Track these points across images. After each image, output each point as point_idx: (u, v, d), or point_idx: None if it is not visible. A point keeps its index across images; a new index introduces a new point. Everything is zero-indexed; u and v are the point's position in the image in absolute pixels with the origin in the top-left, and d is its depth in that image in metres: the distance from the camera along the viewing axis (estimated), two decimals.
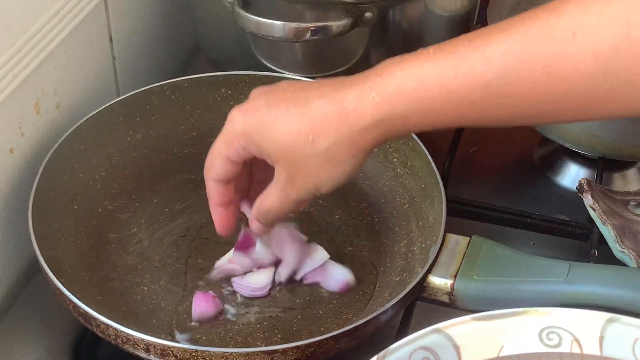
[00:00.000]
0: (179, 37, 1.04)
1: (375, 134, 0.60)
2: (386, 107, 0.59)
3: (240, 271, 0.75)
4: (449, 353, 0.57)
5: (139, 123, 0.84)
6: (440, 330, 0.58)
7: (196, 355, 0.63)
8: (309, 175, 0.62)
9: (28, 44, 0.75)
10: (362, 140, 0.60)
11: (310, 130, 0.61)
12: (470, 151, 0.96)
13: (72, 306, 0.66)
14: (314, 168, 0.62)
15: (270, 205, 0.66)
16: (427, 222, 0.76)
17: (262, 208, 0.67)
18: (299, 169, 0.62)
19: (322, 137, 0.60)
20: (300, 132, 0.61)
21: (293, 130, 0.61)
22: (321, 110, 0.61)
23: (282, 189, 0.64)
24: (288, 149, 0.62)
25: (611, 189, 0.83)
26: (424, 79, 0.58)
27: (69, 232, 0.75)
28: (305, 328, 0.72)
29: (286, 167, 0.63)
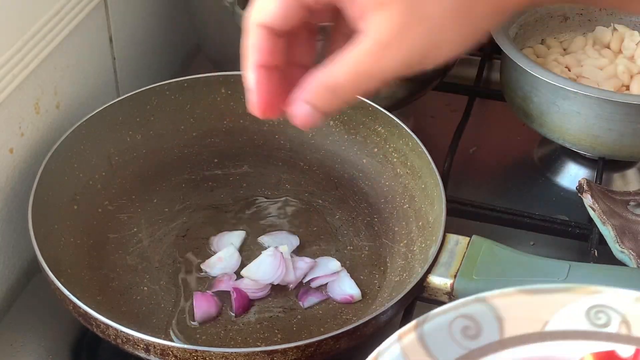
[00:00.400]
0: (179, 37, 1.04)
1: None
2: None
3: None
4: (491, 324, 0.55)
5: (139, 123, 0.84)
6: (484, 300, 0.56)
7: (196, 355, 0.63)
8: (427, 30, 0.45)
9: (28, 44, 0.75)
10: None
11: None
12: (470, 151, 0.96)
13: (71, 306, 0.66)
14: (438, 19, 0.45)
15: (346, 74, 0.47)
16: (427, 222, 0.76)
17: (331, 78, 0.48)
18: (416, 19, 0.45)
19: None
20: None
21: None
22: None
23: (375, 49, 0.46)
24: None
25: (611, 189, 0.83)
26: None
27: (69, 232, 0.75)
28: (305, 328, 0.72)
29: (394, 16, 0.45)
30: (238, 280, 0.75)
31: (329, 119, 0.48)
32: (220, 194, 0.84)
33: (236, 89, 0.86)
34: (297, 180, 0.85)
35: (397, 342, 0.53)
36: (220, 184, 0.85)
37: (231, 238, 0.79)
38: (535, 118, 0.86)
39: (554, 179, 0.92)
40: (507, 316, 0.55)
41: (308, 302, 0.74)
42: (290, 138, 0.87)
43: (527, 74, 0.84)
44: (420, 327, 0.54)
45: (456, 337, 0.54)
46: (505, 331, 0.55)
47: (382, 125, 0.83)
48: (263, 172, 0.86)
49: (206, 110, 0.86)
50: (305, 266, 0.76)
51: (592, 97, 0.81)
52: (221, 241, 0.79)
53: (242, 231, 0.80)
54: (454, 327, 0.54)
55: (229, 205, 0.83)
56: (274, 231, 0.80)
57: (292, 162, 0.86)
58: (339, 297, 0.75)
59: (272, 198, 0.84)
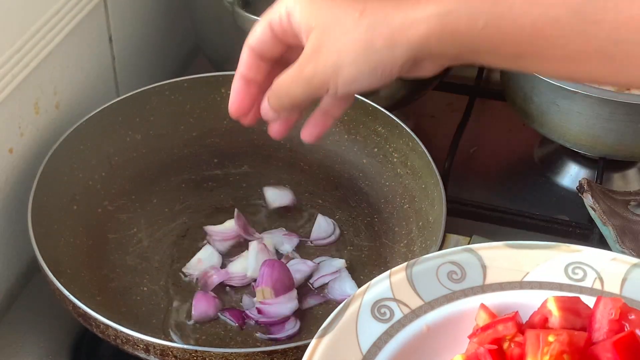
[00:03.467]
0: (179, 37, 1.04)
1: (423, 31, 0.54)
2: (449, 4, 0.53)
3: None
4: (476, 271, 0.60)
5: (139, 123, 0.84)
6: (472, 250, 0.61)
7: (196, 355, 0.63)
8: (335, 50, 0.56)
9: (28, 44, 0.74)
10: (408, 33, 0.54)
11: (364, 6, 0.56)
12: (471, 151, 0.96)
13: (71, 306, 0.66)
14: (344, 43, 0.56)
15: (282, 81, 0.60)
16: (427, 222, 0.76)
17: (275, 84, 0.61)
18: (328, 41, 0.56)
19: (371, 14, 0.55)
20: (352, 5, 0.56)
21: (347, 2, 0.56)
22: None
23: (299, 63, 0.58)
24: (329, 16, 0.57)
25: (611, 189, 0.83)
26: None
27: (68, 233, 0.75)
28: (305, 328, 0.72)
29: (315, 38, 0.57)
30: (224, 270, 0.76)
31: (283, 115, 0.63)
32: (220, 194, 0.84)
33: None
34: (297, 180, 0.85)
35: (387, 278, 0.59)
36: (220, 184, 0.85)
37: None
38: (535, 118, 0.86)
39: (555, 179, 0.92)
40: (492, 265, 0.60)
41: (307, 303, 0.74)
42: (290, 138, 0.85)
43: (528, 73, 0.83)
44: (410, 268, 0.60)
45: (442, 280, 0.60)
46: (488, 278, 0.60)
47: (382, 125, 0.83)
48: (263, 172, 0.86)
49: (206, 110, 0.86)
50: (308, 269, 0.76)
51: (593, 97, 0.80)
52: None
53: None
54: (440, 271, 0.60)
55: (229, 205, 0.83)
56: (274, 230, 0.80)
57: (292, 162, 0.86)
58: (339, 297, 0.74)
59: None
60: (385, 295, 0.58)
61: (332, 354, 0.54)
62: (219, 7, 0.84)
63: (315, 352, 0.54)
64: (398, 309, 0.58)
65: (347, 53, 0.56)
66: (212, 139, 0.87)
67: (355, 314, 0.57)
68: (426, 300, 0.58)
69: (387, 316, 0.57)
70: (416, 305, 0.58)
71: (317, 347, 0.55)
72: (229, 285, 0.75)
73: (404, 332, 0.57)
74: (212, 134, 0.87)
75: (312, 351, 0.54)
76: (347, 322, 0.56)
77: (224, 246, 0.78)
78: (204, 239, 0.79)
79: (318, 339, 0.55)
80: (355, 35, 0.55)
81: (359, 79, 0.57)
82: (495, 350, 0.55)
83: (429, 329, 0.57)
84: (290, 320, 0.72)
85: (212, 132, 0.87)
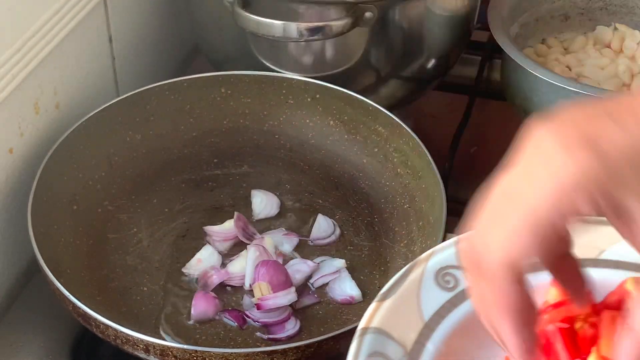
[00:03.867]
0: (178, 37, 1.04)
1: None
2: None
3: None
4: None
5: (139, 123, 0.84)
6: None
7: (196, 355, 0.63)
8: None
9: (27, 44, 0.74)
10: None
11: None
12: (471, 151, 0.96)
13: (71, 306, 0.66)
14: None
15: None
16: (428, 222, 0.75)
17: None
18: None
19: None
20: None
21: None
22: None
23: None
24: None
25: None
26: None
27: (68, 233, 0.75)
28: (305, 328, 0.72)
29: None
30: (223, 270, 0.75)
31: None
32: (220, 194, 0.84)
33: (236, 89, 0.86)
34: (297, 180, 0.85)
35: (453, 245, 0.56)
36: (220, 184, 0.85)
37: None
38: None
39: None
40: None
41: (301, 303, 0.74)
42: (290, 138, 0.87)
43: (528, 73, 0.83)
44: None
45: None
46: None
47: (382, 125, 0.83)
48: (263, 172, 0.86)
49: (206, 110, 0.86)
50: (308, 269, 0.76)
51: (593, 97, 0.80)
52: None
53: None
54: None
55: (229, 205, 0.83)
56: (274, 230, 0.80)
57: (292, 162, 0.86)
58: (339, 298, 0.74)
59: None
60: (451, 262, 0.56)
61: (392, 319, 0.52)
62: (219, 7, 0.84)
63: (375, 315, 0.52)
64: (463, 278, 0.54)
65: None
66: (212, 139, 0.87)
67: (418, 280, 0.54)
68: None
69: (451, 284, 0.55)
70: None
71: (376, 310, 0.52)
72: (229, 285, 0.75)
73: (468, 303, 0.54)
74: (212, 134, 0.87)
75: (371, 315, 0.52)
76: (409, 288, 0.54)
77: (224, 246, 0.78)
78: (204, 239, 0.79)
79: (378, 302, 0.53)
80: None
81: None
82: (566, 329, 0.51)
83: None
84: (290, 320, 0.72)
85: (212, 132, 0.86)
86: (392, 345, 0.51)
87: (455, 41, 0.91)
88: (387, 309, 0.53)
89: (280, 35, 0.79)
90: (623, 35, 0.95)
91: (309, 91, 0.85)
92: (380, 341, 0.51)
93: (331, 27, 0.79)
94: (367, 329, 0.51)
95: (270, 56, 0.87)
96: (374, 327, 0.52)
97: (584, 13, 0.98)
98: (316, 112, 0.85)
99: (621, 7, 0.98)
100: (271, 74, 0.86)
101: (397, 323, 0.52)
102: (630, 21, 0.98)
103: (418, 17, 0.85)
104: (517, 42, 0.92)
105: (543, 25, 0.97)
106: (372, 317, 0.52)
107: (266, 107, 0.86)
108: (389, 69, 0.88)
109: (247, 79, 0.86)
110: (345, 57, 0.86)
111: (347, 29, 0.80)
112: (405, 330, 0.52)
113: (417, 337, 0.52)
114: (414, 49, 0.87)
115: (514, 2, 0.92)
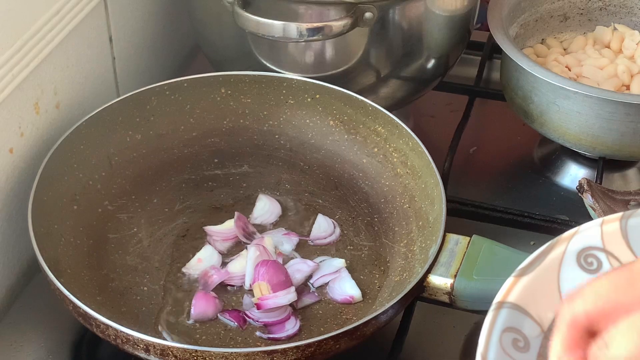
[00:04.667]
0: (178, 37, 1.04)
1: None
2: None
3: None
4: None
5: (139, 123, 0.84)
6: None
7: (196, 355, 0.63)
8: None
9: (28, 44, 0.74)
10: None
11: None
12: (470, 151, 0.96)
13: (71, 306, 0.66)
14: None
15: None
16: (427, 222, 0.76)
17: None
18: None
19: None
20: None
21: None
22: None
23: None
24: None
25: (611, 189, 0.82)
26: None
27: (68, 232, 0.75)
28: (305, 328, 0.72)
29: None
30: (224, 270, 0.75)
31: None
32: (220, 194, 0.84)
33: (236, 89, 0.86)
34: (297, 180, 0.85)
35: (599, 226, 0.55)
36: (220, 184, 0.85)
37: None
38: (535, 118, 0.86)
39: (554, 178, 0.92)
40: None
41: (301, 302, 0.74)
42: (290, 138, 0.87)
43: (528, 73, 0.84)
44: (626, 219, 0.55)
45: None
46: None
47: (382, 125, 0.83)
48: (263, 172, 0.86)
49: (206, 110, 0.86)
50: (308, 269, 0.76)
51: (593, 97, 0.80)
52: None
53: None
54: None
55: (229, 205, 0.83)
56: (274, 230, 0.80)
57: (292, 162, 0.86)
58: (339, 298, 0.75)
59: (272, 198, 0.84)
60: (595, 244, 0.54)
61: (529, 296, 0.51)
62: (219, 7, 0.84)
63: (512, 290, 0.51)
64: (607, 261, 0.54)
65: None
66: (212, 139, 0.87)
67: (559, 259, 0.53)
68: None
69: (594, 266, 0.54)
70: (627, 259, 0.54)
71: (514, 285, 0.52)
72: (229, 285, 0.75)
73: None
74: (212, 134, 0.87)
75: (508, 289, 0.51)
76: (549, 266, 0.53)
77: (224, 246, 0.78)
78: (204, 239, 0.79)
79: (516, 277, 0.52)
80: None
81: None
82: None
83: None
84: (290, 320, 0.72)
85: (212, 132, 0.87)
86: (529, 322, 0.50)
87: (455, 41, 0.91)
88: (525, 285, 0.52)
89: (280, 36, 0.79)
90: (622, 35, 0.95)
91: (309, 91, 0.85)
92: (517, 317, 0.50)
93: (331, 27, 0.79)
94: (504, 303, 0.51)
95: (270, 56, 0.87)
96: (510, 302, 0.51)
97: (584, 13, 0.98)
98: (316, 112, 0.85)
99: (620, 7, 0.98)
100: (271, 74, 0.86)
101: (535, 300, 0.51)
102: (629, 21, 0.98)
103: (418, 18, 0.86)
104: (517, 42, 0.92)
105: (542, 25, 0.97)
106: (509, 292, 0.51)
107: (266, 107, 0.86)
108: (389, 69, 0.88)
109: (247, 79, 0.86)
110: (345, 57, 0.86)
111: (347, 29, 0.80)
112: (543, 309, 0.51)
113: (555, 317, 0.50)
114: (413, 49, 0.87)
115: (514, 2, 0.92)
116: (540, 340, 0.49)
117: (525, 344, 0.49)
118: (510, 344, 0.49)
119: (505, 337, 0.49)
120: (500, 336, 0.49)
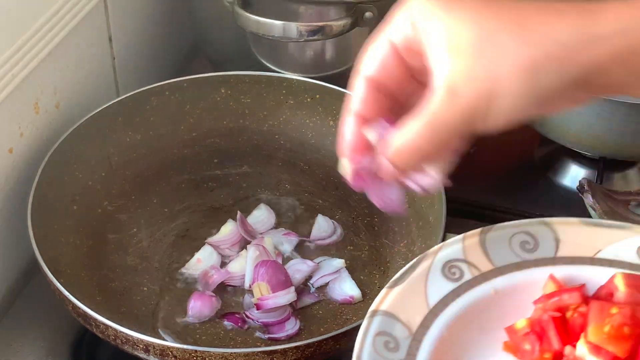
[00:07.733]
0: (178, 37, 1.04)
1: (605, 52, 0.44)
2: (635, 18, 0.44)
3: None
4: (548, 243, 0.61)
5: (139, 123, 0.84)
6: (547, 223, 0.62)
7: (196, 355, 0.63)
8: (489, 77, 0.45)
9: (27, 44, 0.74)
10: (584, 54, 0.44)
11: (524, 17, 0.44)
12: (470, 151, 0.95)
13: (71, 306, 0.66)
14: (501, 66, 0.44)
15: (408, 138, 0.48)
16: (427, 222, 0.75)
17: (397, 142, 0.49)
18: (477, 65, 0.45)
19: (535, 27, 0.44)
20: (505, 16, 0.45)
21: (498, 11, 0.45)
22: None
23: (432, 109, 0.46)
24: (477, 31, 0.45)
25: (612, 189, 0.82)
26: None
27: (68, 233, 0.75)
28: (305, 328, 0.72)
29: (462, 62, 0.45)
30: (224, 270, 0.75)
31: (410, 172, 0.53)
32: (220, 194, 0.84)
33: (236, 89, 0.86)
34: (297, 180, 0.85)
35: (461, 241, 0.60)
36: (220, 184, 0.85)
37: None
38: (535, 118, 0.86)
39: (555, 179, 0.92)
40: (565, 239, 0.61)
41: (301, 303, 0.74)
42: (290, 138, 0.87)
43: None
44: (484, 233, 0.61)
45: (514, 248, 0.61)
46: (560, 251, 0.61)
47: None
48: (263, 172, 0.86)
49: (206, 110, 0.86)
50: (308, 269, 0.76)
51: None
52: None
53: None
54: (514, 240, 0.61)
55: (228, 206, 0.83)
56: (274, 230, 0.80)
57: (292, 162, 0.86)
58: (339, 298, 0.74)
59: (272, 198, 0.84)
60: (457, 256, 0.60)
61: (400, 304, 0.56)
62: (219, 7, 0.84)
63: (385, 300, 0.56)
64: (468, 271, 0.59)
65: (506, 79, 0.45)
66: (212, 139, 0.87)
67: (426, 271, 0.58)
68: (497, 265, 0.60)
69: (456, 276, 0.59)
70: (486, 269, 0.59)
71: (386, 296, 0.56)
72: (229, 285, 0.75)
73: (471, 293, 0.58)
74: (212, 134, 0.87)
75: (381, 299, 0.56)
76: (417, 277, 0.58)
77: (234, 251, 0.78)
78: (204, 239, 0.79)
79: (388, 289, 0.57)
80: (518, 55, 0.44)
81: (517, 112, 0.47)
82: (558, 318, 0.56)
83: (496, 293, 0.59)
84: (290, 320, 0.72)
85: (212, 132, 0.87)
86: (399, 326, 0.55)
87: None
88: (396, 294, 0.57)
89: (280, 35, 0.79)
90: None
91: (309, 91, 0.85)
92: (388, 322, 0.55)
93: (331, 27, 0.79)
94: (377, 312, 0.56)
95: (270, 56, 0.87)
96: (383, 310, 0.56)
97: None
98: (316, 112, 0.85)
99: None
100: (271, 74, 0.86)
101: (405, 307, 0.56)
102: None
103: None
104: None
105: None
106: (382, 302, 0.56)
107: (266, 107, 0.86)
108: None
109: (247, 79, 0.86)
110: (345, 57, 0.86)
111: (347, 29, 0.80)
112: (412, 314, 0.56)
113: (422, 321, 0.56)
114: None
115: None
116: (409, 342, 0.55)
117: (395, 345, 0.54)
118: (382, 346, 0.54)
119: (378, 340, 0.54)
120: (374, 339, 0.54)
